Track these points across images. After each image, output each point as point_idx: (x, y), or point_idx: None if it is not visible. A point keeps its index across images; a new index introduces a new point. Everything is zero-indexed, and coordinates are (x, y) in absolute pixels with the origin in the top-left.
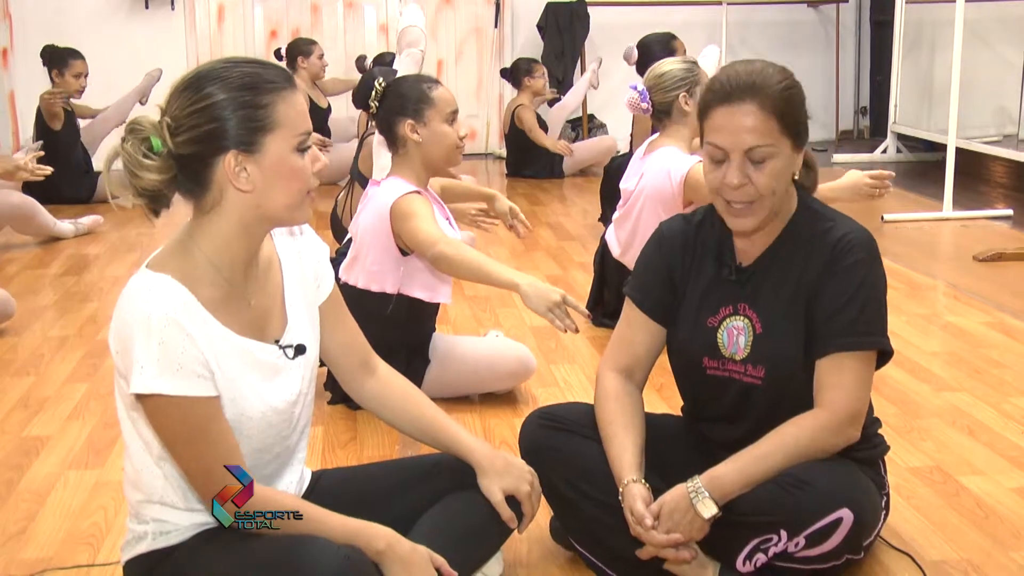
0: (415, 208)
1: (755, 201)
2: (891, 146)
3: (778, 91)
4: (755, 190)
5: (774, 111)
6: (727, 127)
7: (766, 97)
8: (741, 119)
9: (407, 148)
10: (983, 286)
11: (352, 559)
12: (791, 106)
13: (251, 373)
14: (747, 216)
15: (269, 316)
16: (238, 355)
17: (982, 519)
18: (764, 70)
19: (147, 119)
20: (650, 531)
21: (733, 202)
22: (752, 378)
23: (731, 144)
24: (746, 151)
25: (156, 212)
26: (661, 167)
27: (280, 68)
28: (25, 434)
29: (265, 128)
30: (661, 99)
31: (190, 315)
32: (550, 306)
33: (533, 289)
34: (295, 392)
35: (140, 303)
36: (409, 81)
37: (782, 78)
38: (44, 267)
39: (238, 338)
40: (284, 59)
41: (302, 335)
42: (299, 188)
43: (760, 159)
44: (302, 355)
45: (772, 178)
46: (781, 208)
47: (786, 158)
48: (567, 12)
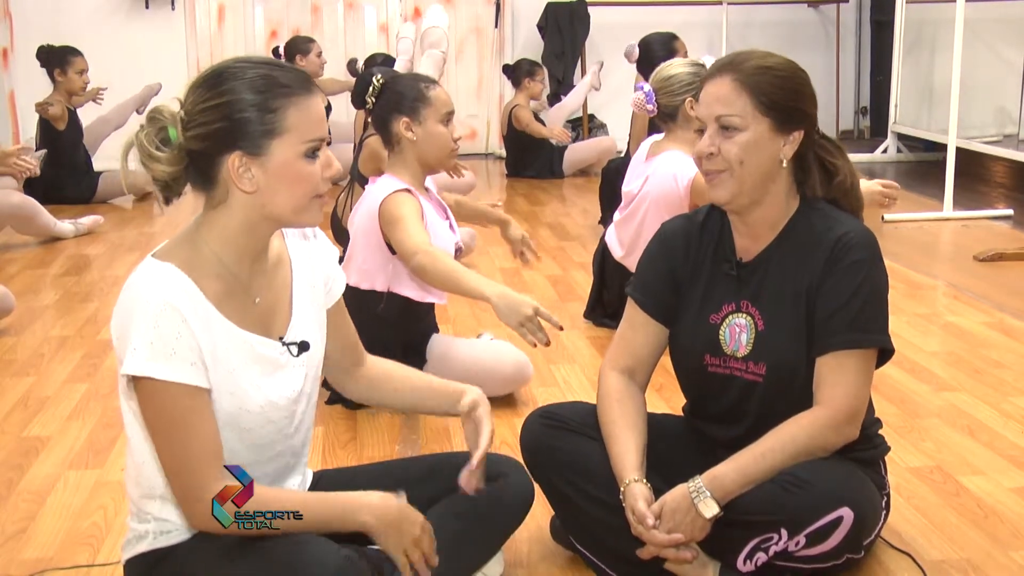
0: (402, 211)
1: (724, 171)
2: (891, 146)
3: (756, 67)
4: (723, 159)
5: (747, 85)
6: (705, 99)
7: (739, 71)
8: (715, 90)
9: (401, 146)
10: (983, 286)
11: (352, 559)
12: (770, 84)
13: (251, 367)
14: (717, 187)
15: (274, 313)
16: (238, 348)
17: (982, 519)
18: (757, 51)
19: (168, 109)
20: (651, 531)
21: (706, 171)
22: (754, 375)
23: (704, 113)
24: (716, 118)
25: (167, 200)
26: (667, 171)
27: (299, 72)
28: (25, 434)
29: (273, 132)
30: (668, 102)
31: (191, 304)
32: (522, 320)
33: (504, 301)
34: (296, 389)
35: (141, 288)
36: (407, 79)
37: (773, 60)
38: (44, 267)
39: (239, 331)
40: (283, 57)
41: (307, 333)
42: (304, 193)
43: (728, 127)
44: (306, 352)
45: (741, 149)
46: (764, 192)
47: (760, 135)
48: (567, 12)
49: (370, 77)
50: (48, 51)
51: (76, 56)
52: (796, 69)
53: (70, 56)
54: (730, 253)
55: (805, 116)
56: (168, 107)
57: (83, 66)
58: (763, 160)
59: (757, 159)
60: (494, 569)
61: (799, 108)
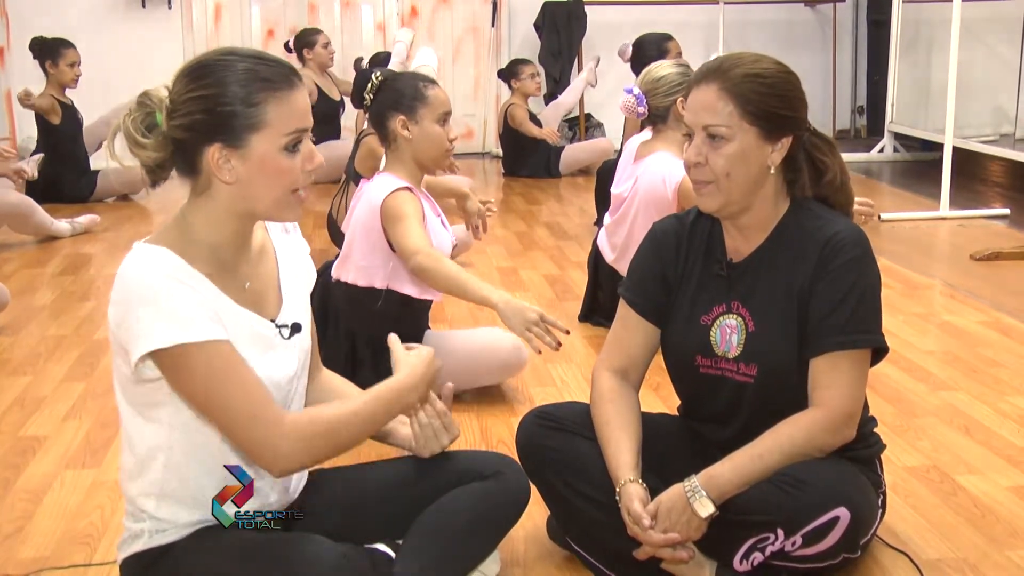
0: (405, 209)
1: (712, 182)
2: (888, 145)
3: (743, 75)
4: (710, 171)
5: (734, 93)
6: (691, 106)
7: (727, 80)
8: (702, 98)
9: (398, 144)
10: (980, 285)
11: (349, 556)
12: (757, 92)
13: (249, 344)
14: (705, 198)
15: (265, 298)
16: (239, 323)
17: (978, 518)
18: (745, 56)
19: (157, 94)
20: (647, 531)
21: (694, 180)
22: (745, 376)
23: (692, 122)
24: (703, 127)
25: (154, 183)
26: (656, 172)
27: (282, 65)
28: (21, 434)
29: (253, 126)
30: (658, 104)
31: (191, 278)
32: (527, 325)
33: (509, 307)
34: (291, 371)
35: (137, 272)
36: (406, 77)
37: (761, 67)
38: (41, 266)
39: (237, 306)
40: (292, 52)
41: (298, 316)
42: (283, 186)
43: (716, 136)
44: (298, 334)
45: (728, 160)
46: (753, 199)
47: (748, 145)
48: (564, 11)
49: (369, 74)
50: (41, 43)
51: (68, 48)
52: (785, 74)
53: (62, 48)
54: (720, 254)
55: (794, 122)
56: (157, 92)
57: (75, 58)
58: (750, 170)
59: (744, 170)
60: (491, 568)
61: (787, 115)
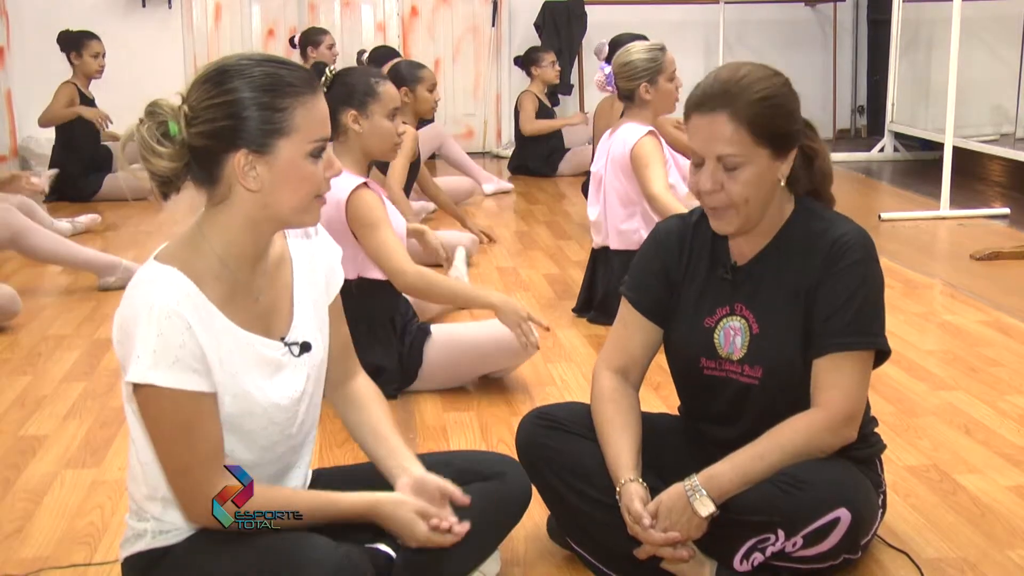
0: (376, 214)
1: (728, 208)
2: (888, 145)
3: (750, 101)
4: (727, 197)
5: (745, 121)
6: (700, 134)
7: (737, 107)
8: (711, 127)
9: (347, 136)
10: (980, 285)
11: (351, 556)
12: (766, 116)
13: (254, 369)
14: (722, 220)
15: (276, 313)
16: (241, 350)
17: (978, 517)
18: (745, 76)
19: (167, 103)
20: (648, 530)
21: (709, 207)
22: (749, 378)
23: (703, 150)
24: (717, 158)
25: (165, 195)
26: (620, 139)
27: (304, 71)
28: (22, 433)
29: (280, 131)
30: (625, 85)
31: (193, 308)
32: (519, 321)
33: (508, 306)
34: (298, 390)
35: (144, 294)
36: (358, 73)
37: (763, 86)
38: (42, 265)
39: (242, 332)
40: (297, 48)
41: (308, 334)
42: (307, 192)
43: (732, 167)
44: (307, 353)
45: (745, 187)
46: (765, 213)
47: (762, 167)
48: (564, 11)
49: (324, 67)
50: (66, 35)
51: (92, 39)
52: (783, 87)
53: (86, 39)
54: (724, 256)
55: (799, 132)
56: (168, 101)
57: (99, 49)
58: (766, 190)
59: (761, 191)
60: (491, 568)
61: (794, 129)
